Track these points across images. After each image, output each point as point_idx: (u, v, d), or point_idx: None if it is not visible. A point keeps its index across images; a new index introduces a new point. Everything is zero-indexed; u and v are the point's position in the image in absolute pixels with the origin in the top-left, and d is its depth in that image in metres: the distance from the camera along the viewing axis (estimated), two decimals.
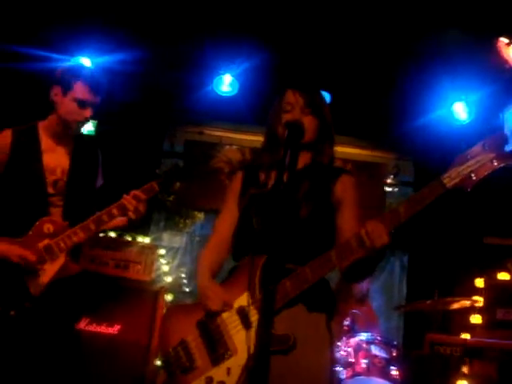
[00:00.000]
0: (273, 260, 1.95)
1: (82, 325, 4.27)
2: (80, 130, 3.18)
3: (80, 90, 3.00)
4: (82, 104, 3.01)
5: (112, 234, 4.92)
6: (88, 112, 3.04)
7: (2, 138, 3.07)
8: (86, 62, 5.34)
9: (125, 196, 2.97)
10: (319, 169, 2.44)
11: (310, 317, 2.30)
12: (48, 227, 2.96)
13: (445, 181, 2.11)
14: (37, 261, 2.89)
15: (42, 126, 3.14)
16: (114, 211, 2.96)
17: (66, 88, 3.01)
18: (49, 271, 2.91)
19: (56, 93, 3.04)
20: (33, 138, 3.11)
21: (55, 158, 3.10)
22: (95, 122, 5.76)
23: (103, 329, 4.31)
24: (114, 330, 4.32)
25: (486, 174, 2.09)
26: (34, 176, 3.04)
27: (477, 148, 2.12)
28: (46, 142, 3.12)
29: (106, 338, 4.27)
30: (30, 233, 2.95)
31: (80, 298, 3.18)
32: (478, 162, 2.10)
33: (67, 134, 3.13)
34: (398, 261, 6.14)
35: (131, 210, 2.96)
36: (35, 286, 2.88)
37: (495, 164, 2.08)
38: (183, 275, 5.42)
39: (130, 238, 4.89)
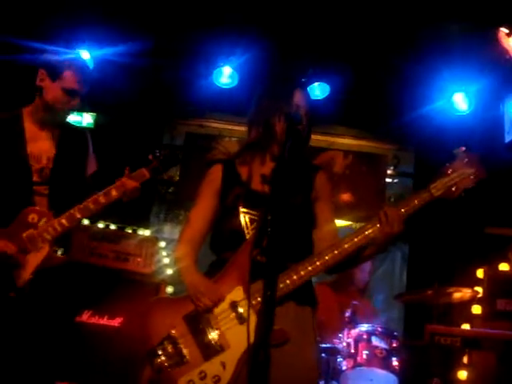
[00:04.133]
0: (273, 258, 1.93)
1: (84, 317, 4.29)
2: (66, 119, 3.15)
3: (70, 80, 2.98)
4: (70, 93, 2.99)
5: (112, 227, 4.93)
6: (76, 101, 3.02)
7: None
8: (84, 54, 5.33)
9: (115, 182, 2.93)
10: (300, 167, 2.47)
11: (298, 311, 2.36)
12: (32, 217, 2.91)
13: (432, 190, 2.32)
14: (19, 251, 2.86)
15: (26, 112, 3.09)
16: (101, 198, 2.91)
17: (56, 75, 2.98)
18: (33, 261, 2.87)
19: (43, 78, 3.00)
20: (17, 126, 3.06)
21: (41, 146, 3.06)
22: (94, 114, 5.77)
23: (105, 321, 4.33)
24: (116, 322, 4.33)
25: (465, 187, 2.32)
26: (18, 164, 2.99)
27: (458, 162, 2.33)
28: (30, 129, 3.07)
29: (107, 331, 4.28)
30: (14, 223, 2.90)
31: (70, 290, 3.16)
32: (460, 176, 2.32)
33: (53, 121, 3.08)
34: (399, 251, 6.13)
35: (122, 197, 2.92)
36: (19, 277, 2.84)
37: (473, 179, 2.32)
38: None
39: (130, 231, 4.90)
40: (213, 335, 2.30)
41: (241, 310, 2.29)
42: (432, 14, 4.87)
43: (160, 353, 2.30)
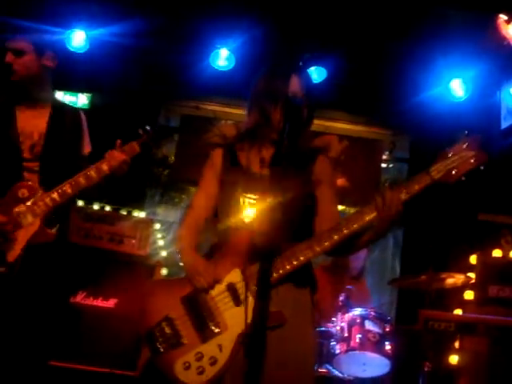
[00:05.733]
0: (268, 240, 1.94)
1: (79, 298, 4.30)
2: (46, 94, 3.22)
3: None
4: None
5: (107, 208, 4.92)
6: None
7: None
8: (80, 34, 5.28)
9: (104, 156, 2.95)
10: (301, 150, 2.46)
11: (296, 293, 2.35)
12: (23, 192, 2.93)
13: (432, 173, 2.28)
14: (9, 224, 2.88)
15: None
16: (92, 173, 2.93)
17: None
18: (23, 236, 2.88)
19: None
20: (8, 105, 3.11)
21: (32, 123, 3.09)
22: (89, 95, 5.73)
23: (99, 302, 4.34)
24: (110, 303, 4.34)
25: (466, 170, 2.28)
26: (8, 141, 3.03)
27: (460, 145, 2.30)
28: (21, 106, 3.12)
29: (102, 312, 4.29)
30: (5, 198, 2.92)
31: (63, 270, 3.17)
32: (460, 159, 2.28)
33: (44, 99, 3.14)
34: (392, 236, 6.15)
35: (112, 170, 2.94)
36: (10, 252, 2.86)
37: (474, 162, 2.28)
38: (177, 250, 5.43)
39: (124, 213, 4.89)
40: (210, 317, 2.31)
41: (238, 292, 2.30)
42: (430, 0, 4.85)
43: (158, 334, 2.32)
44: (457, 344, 4.19)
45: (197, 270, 2.33)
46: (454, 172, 2.27)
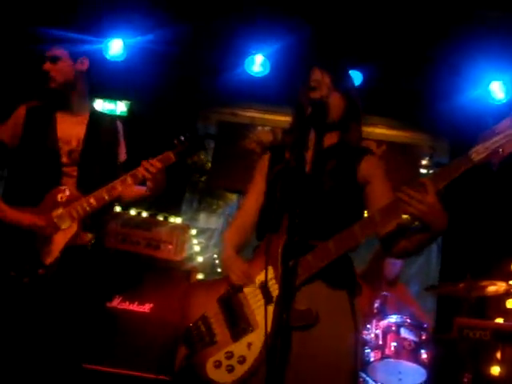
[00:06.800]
0: (293, 236, 1.94)
1: (115, 302, 4.35)
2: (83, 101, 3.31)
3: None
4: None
5: (144, 214, 4.98)
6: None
7: (17, 113, 3.22)
8: (118, 43, 5.38)
9: (141, 164, 3.02)
10: (345, 148, 2.43)
11: (330, 293, 2.29)
12: (61, 196, 3.03)
13: (472, 156, 2.11)
14: (48, 227, 2.96)
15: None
16: (128, 179, 3.02)
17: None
18: (61, 239, 2.97)
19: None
20: (49, 112, 3.22)
21: (71, 130, 3.19)
22: (128, 102, 5.82)
23: (135, 307, 4.37)
24: (146, 308, 4.38)
25: None
26: (47, 146, 3.13)
27: (505, 123, 2.14)
28: (61, 113, 3.22)
29: (137, 316, 4.33)
30: (44, 202, 3.02)
31: (101, 274, 3.23)
32: (506, 137, 2.11)
33: (82, 106, 3.25)
34: (435, 243, 6.04)
35: (148, 177, 3.01)
36: (48, 254, 2.94)
37: None
38: (215, 255, 5.46)
39: (161, 218, 4.94)
40: (242, 315, 2.31)
41: (270, 289, 2.27)
42: (469, 2, 4.76)
43: (194, 333, 2.35)
44: (498, 354, 4.07)
45: (230, 268, 2.37)
46: (500, 151, 2.09)
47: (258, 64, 5.51)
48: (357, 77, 5.45)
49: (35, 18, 4.61)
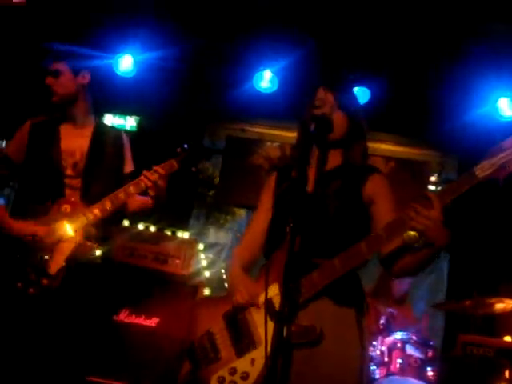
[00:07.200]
0: (293, 253, 1.95)
1: (122, 316, 4.36)
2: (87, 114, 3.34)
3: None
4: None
5: (152, 229, 5.00)
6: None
7: (22, 128, 3.28)
8: (128, 59, 5.44)
9: (142, 173, 3.05)
10: (350, 168, 2.45)
11: (337, 310, 2.28)
12: (65, 207, 3.07)
13: (477, 172, 2.12)
14: (50, 238, 2.99)
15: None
16: (131, 188, 3.05)
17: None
18: (65, 250, 3.00)
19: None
20: (54, 126, 3.27)
21: (75, 142, 3.23)
22: (138, 117, 5.88)
23: (142, 321, 4.38)
24: (153, 322, 4.38)
25: None
26: (52, 159, 3.18)
27: (511, 139, 2.13)
28: (65, 126, 3.27)
29: (144, 330, 4.33)
30: (48, 213, 3.06)
31: (107, 287, 3.26)
32: None
33: (86, 119, 3.29)
34: (446, 261, 6.01)
35: (149, 185, 3.03)
36: (52, 265, 2.96)
37: None
38: (223, 270, 5.47)
39: (169, 233, 4.96)
40: (246, 331, 2.32)
41: (274, 306, 2.27)
42: (477, 17, 4.77)
43: (199, 349, 2.36)
44: (507, 373, 4.02)
45: (236, 287, 2.39)
46: (506, 167, 2.10)
47: (266, 80, 5.55)
48: (365, 93, 5.48)
49: (48, 35, 4.68)
